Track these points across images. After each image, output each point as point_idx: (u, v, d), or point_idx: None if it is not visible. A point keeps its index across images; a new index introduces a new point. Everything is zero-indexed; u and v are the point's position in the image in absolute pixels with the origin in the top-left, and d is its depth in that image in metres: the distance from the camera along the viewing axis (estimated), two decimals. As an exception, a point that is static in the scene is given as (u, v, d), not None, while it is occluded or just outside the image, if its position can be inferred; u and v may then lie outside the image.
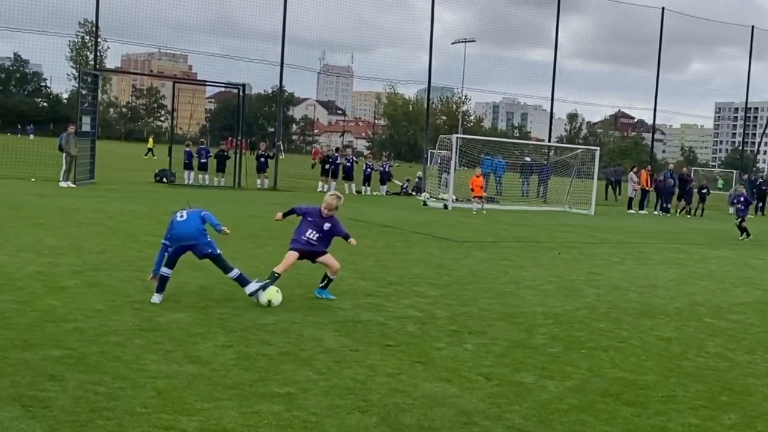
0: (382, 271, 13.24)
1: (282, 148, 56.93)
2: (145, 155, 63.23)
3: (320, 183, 36.05)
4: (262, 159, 35.09)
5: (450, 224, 23.29)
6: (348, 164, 37.09)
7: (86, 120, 30.49)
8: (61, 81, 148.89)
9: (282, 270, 10.36)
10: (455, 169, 33.81)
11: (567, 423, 6.13)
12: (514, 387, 7.00)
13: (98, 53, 45.24)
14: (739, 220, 25.14)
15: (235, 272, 9.91)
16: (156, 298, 9.54)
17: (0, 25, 38.55)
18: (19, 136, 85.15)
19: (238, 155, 33.68)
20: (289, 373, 6.95)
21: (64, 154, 28.14)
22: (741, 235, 24.66)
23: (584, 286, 13.10)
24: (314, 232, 10.73)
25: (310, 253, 10.65)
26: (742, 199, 25.83)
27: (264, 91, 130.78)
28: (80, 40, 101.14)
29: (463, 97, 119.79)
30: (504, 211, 31.43)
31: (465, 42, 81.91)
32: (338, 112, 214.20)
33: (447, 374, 7.25)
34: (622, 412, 6.50)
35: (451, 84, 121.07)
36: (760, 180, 45.88)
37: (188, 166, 34.96)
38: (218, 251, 9.90)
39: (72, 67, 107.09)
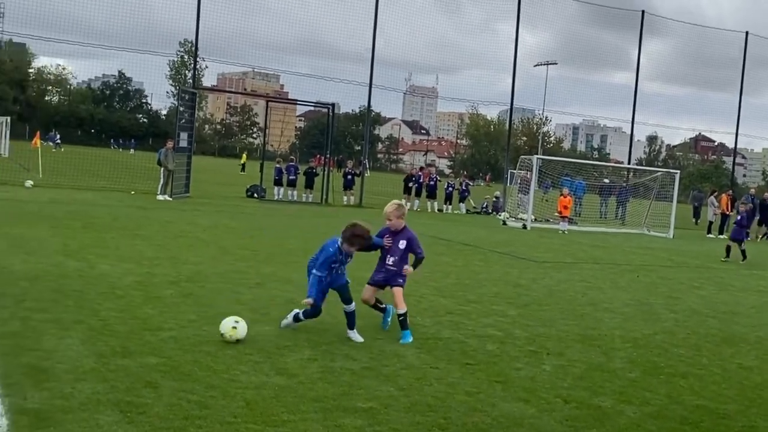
0: (462, 289, 13.16)
1: (367, 166, 57.32)
2: (242, 171, 64.13)
3: (403, 201, 36.07)
4: (349, 176, 35.31)
5: (529, 244, 23.07)
6: (431, 183, 37.09)
7: (183, 136, 31.15)
8: (161, 98, 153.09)
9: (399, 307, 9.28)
10: (534, 189, 33.49)
11: (645, 449, 5.99)
12: (592, 411, 6.86)
13: (196, 72, 46.25)
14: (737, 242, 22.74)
15: (353, 306, 9.02)
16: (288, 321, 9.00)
17: (106, 44, 39.81)
18: (121, 150, 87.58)
19: (325, 172, 33.98)
20: (372, 388, 6.95)
21: (162, 169, 28.81)
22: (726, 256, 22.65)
23: (663, 311, 12.80)
24: (390, 256, 9.64)
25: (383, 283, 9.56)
26: (739, 218, 23.51)
27: (352, 110, 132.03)
28: (180, 59, 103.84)
29: (544, 119, 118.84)
30: (582, 232, 30.99)
31: (547, 64, 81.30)
32: (422, 131, 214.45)
33: (525, 395, 7.15)
34: (701, 440, 6.32)
35: (532, 105, 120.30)
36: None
37: (278, 182, 35.40)
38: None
39: (171, 84, 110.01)
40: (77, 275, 11.22)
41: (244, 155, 77.90)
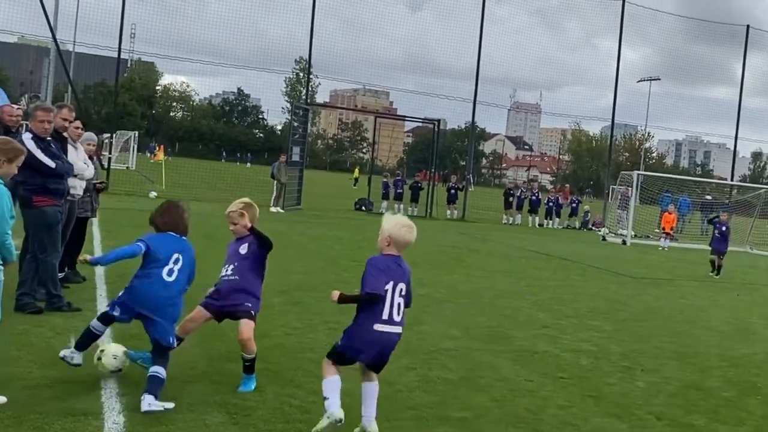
0: (559, 303, 12.97)
1: (471, 180, 57.04)
2: (354, 185, 64.64)
3: (504, 216, 35.87)
4: (453, 191, 35.27)
5: (627, 260, 22.55)
6: (534, 198, 36.68)
7: (296, 150, 31.73)
8: (276, 114, 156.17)
9: None
10: (635, 204, 32.72)
11: (737, 470, 5.78)
12: (685, 429, 6.67)
13: (310, 88, 47.06)
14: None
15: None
16: None
17: (227, 62, 40.92)
18: (238, 163, 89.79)
19: (430, 186, 34.04)
20: (466, 398, 6.93)
21: (275, 182, 29.43)
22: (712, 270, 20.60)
23: (763, 330, 12.31)
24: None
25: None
26: (724, 228, 21.01)
27: (458, 126, 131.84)
28: (295, 76, 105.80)
29: (646, 134, 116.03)
30: (683, 249, 30.08)
31: (650, 80, 79.45)
32: (525, 147, 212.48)
33: (617, 410, 7.00)
34: (796, 463, 6.06)
35: (634, 121, 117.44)
36: None
37: (385, 196, 35.65)
38: None
39: (287, 101, 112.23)
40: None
41: (357, 170, 78.67)
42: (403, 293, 5.78)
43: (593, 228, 36.57)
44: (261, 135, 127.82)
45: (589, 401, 7.24)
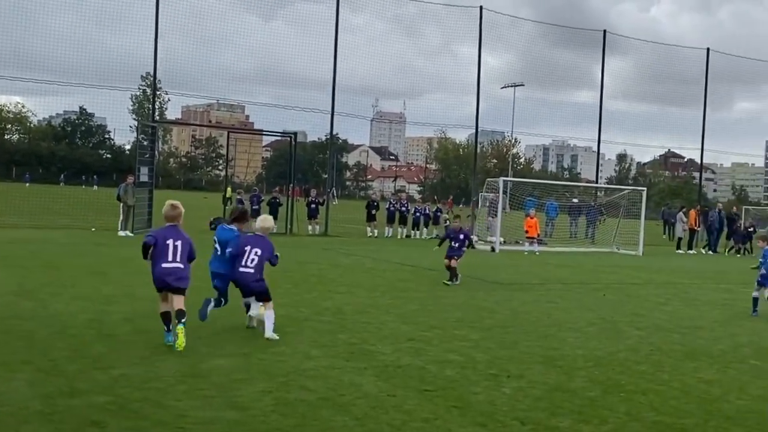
0: (425, 315, 13.17)
1: (335, 194, 57.20)
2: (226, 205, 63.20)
3: (368, 229, 36.18)
4: (313, 205, 35.29)
5: (496, 267, 23.16)
6: (403, 209, 37.06)
7: (144, 170, 31.02)
8: (124, 133, 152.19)
9: None
10: (504, 211, 33.67)
11: (600, 468, 6.01)
12: (549, 431, 6.89)
13: (159, 105, 46.14)
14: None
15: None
16: None
17: (64, 80, 39.65)
18: (83, 187, 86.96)
19: (289, 202, 33.94)
20: (327, 419, 6.93)
21: (121, 204, 28.65)
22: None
23: (627, 328, 12.89)
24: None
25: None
26: (461, 237, 18.72)
27: (318, 138, 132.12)
28: (142, 93, 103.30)
29: (513, 140, 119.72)
30: (552, 252, 31.17)
31: (514, 86, 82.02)
32: (391, 157, 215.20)
33: (482, 419, 7.17)
34: (657, 456, 6.36)
35: (501, 127, 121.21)
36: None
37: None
38: None
39: (134, 119, 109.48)
40: (30, 315, 11.12)
41: (229, 189, 76.87)
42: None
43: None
44: (108, 156, 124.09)
45: (454, 412, 7.38)
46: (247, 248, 10.93)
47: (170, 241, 9.90)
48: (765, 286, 14.97)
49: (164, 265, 9.78)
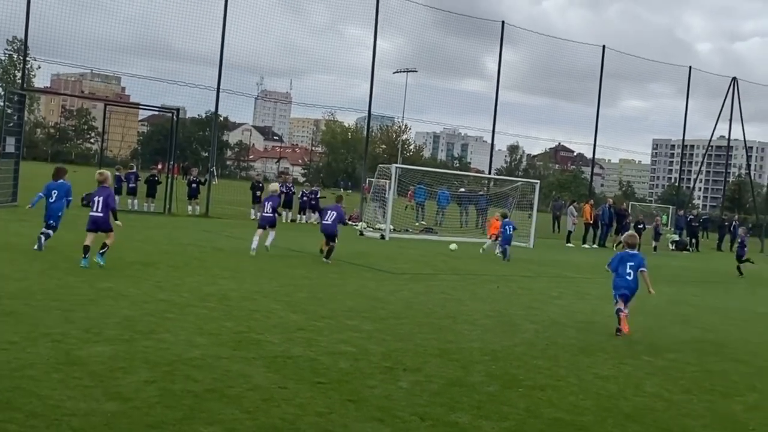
0: (315, 303, 13.06)
1: (216, 173, 55.88)
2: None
3: (252, 210, 35.78)
4: (194, 185, 34.63)
5: (387, 255, 23.21)
6: (289, 193, 36.69)
7: (10, 141, 29.78)
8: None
9: None
10: (394, 198, 33.80)
11: (503, 466, 6.04)
12: (449, 428, 6.90)
13: (26, 72, 44.27)
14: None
15: None
16: None
17: None
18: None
19: (169, 180, 33.19)
20: (215, 411, 6.76)
21: (-16, 176, 27.45)
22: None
23: (523, 322, 13.10)
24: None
25: None
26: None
27: (198, 115, 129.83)
28: (8, 58, 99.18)
29: (403, 126, 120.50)
30: (442, 242, 31.46)
31: (407, 72, 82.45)
32: (275, 138, 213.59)
33: (380, 414, 7.12)
34: (559, 454, 6.45)
35: (391, 113, 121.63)
36: (691, 216, 46.80)
37: (117, 191, 34.26)
38: None
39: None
40: None
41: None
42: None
43: (350, 223, 37.33)
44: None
45: (350, 406, 7.30)
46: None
47: (96, 197, 15.38)
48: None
49: (91, 213, 15.33)
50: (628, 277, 13.04)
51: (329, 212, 20.51)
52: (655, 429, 7.41)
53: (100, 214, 15.27)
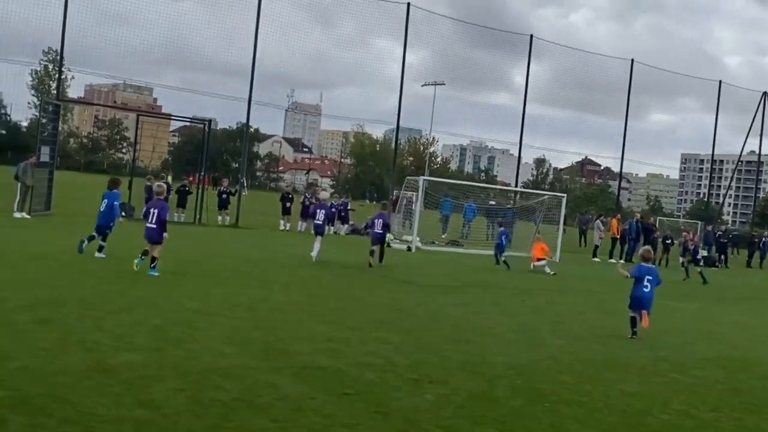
0: (343, 314, 13.11)
1: (246, 184, 56.08)
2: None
3: (281, 221, 35.95)
4: (224, 195, 34.83)
5: (413, 267, 23.22)
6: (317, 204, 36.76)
7: (45, 150, 30.10)
8: (21, 109, 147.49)
9: None
10: (421, 210, 33.82)
11: (527, 480, 6.04)
12: (474, 441, 6.91)
13: (61, 83, 44.78)
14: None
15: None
16: None
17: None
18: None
19: (199, 191, 33.42)
20: (243, 420, 6.81)
21: (19, 184, 27.74)
22: None
23: (548, 336, 13.06)
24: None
25: None
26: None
27: (229, 126, 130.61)
28: (43, 68, 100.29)
29: (431, 139, 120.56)
30: (469, 255, 31.43)
31: (435, 85, 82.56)
32: (304, 149, 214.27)
33: (406, 426, 7.14)
34: (584, 469, 6.43)
35: (418, 125, 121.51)
36: (720, 232, 46.35)
37: (148, 200, 34.51)
38: None
39: (33, 95, 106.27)
40: None
41: (169, 177, 74.22)
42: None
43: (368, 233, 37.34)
44: (3, 132, 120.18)
45: (377, 418, 7.33)
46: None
47: (153, 209, 16.19)
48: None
49: (147, 225, 16.06)
50: (645, 289, 13.65)
51: (376, 220, 22.67)
52: (680, 446, 7.37)
53: (154, 226, 15.89)
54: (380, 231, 22.56)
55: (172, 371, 8.20)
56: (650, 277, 13.73)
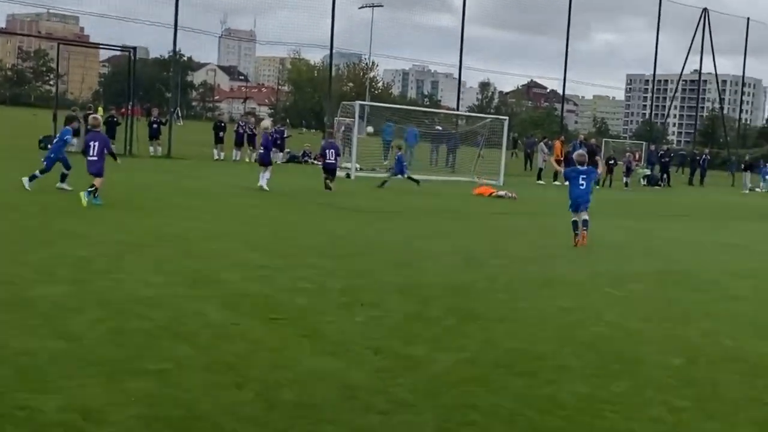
0: (276, 242, 13.08)
1: (180, 114, 55.36)
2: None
3: (215, 151, 35.64)
4: (155, 125, 34.35)
5: (352, 194, 23.21)
6: (249, 132, 36.48)
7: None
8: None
9: None
10: (358, 136, 33.68)
11: (455, 395, 6.13)
12: (403, 360, 6.97)
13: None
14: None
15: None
16: None
17: None
18: None
19: (128, 122, 32.86)
20: (166, 348, 6.77)
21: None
22: None
23: (487, 257, 13.16)
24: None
25: None
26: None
27: (161, 55, 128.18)
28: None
29: (371, 63, 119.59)
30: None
31: (372, 7, 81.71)
32: (240, 77, 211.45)
33: (333, 348, 7.17)
34: (513, 382, 6.54)
35: (358, 50, 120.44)
36: (662, 151, 46.95)
37: (76, 133, 33.89)
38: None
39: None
40: None
41: (100, 108, 71.90)
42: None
43: (315, 162, 37.20)
44: None
45: (304, 341, 7.35)
46: None
47: (92, 142, 16.37)
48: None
49: (87, 158, 16.30)
50: (581, 187, 14.84)
51: (327, 150, 23.94)
52: (611, 356, 7.52)
53: (95, 158, 16.24)
54: (332, 160, 23.76)
55: (95, 302, 8.12)
56: (583, 176, 14.91)
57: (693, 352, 7.90)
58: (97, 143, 16.40)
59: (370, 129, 43.09)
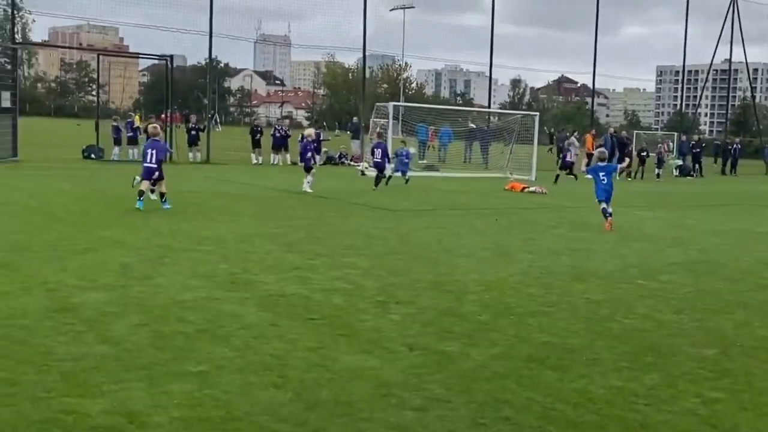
0: (312, 243, 13.10)
1: (218, 120, 55.49)
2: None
3: (252, 155, 35.79)
4: (193, 132, 34.60)
5: (387, 194, 23.20)
6: (284, 134, 36.57)
7: (6, 95, 29.74)
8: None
9: None
10: (393, 137, 33.65)
11: (488, 391, 6.11)
12: (437, 356, 6.96)
13: (21, 26, 43.86)
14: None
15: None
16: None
17: None
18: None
19: (168, 129, 33.11)
20: (205, 351, 6.82)
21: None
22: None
23: (519, 252, 13.11)
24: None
25: None
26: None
27: (198, 62, 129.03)
28: (2, 12, 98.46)
29: (404, 65, 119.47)
30: (445, 178, 31.45)
31: (404, 8, 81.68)
32: (276, 82, 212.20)
33: (369, 346, 7.18)
34: (546, 376, 6.51)
35: (391, 51, 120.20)
36: (693, 142, 46.36)
37: (117, 141, 34.32)
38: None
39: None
40: None
41: (137, 116, 72.80)
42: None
43: (351, 163, 37.27)
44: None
45: (341, 340, 7.37)
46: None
47: (150, 150, 16.75)
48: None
49: (145, 164, 16.64)
50: (603, 182, 16.64)
51: (376, 150, 24.96)
52: (643, 348, 7.45)
53: (154, 165, 16.65)
54: (380, 160, 24.63)
55: (136, 307, 8.20)
56: (604, 173, 16.77)
57: (726, 343, 7.81)
58: (155, 151, 16.75)
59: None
